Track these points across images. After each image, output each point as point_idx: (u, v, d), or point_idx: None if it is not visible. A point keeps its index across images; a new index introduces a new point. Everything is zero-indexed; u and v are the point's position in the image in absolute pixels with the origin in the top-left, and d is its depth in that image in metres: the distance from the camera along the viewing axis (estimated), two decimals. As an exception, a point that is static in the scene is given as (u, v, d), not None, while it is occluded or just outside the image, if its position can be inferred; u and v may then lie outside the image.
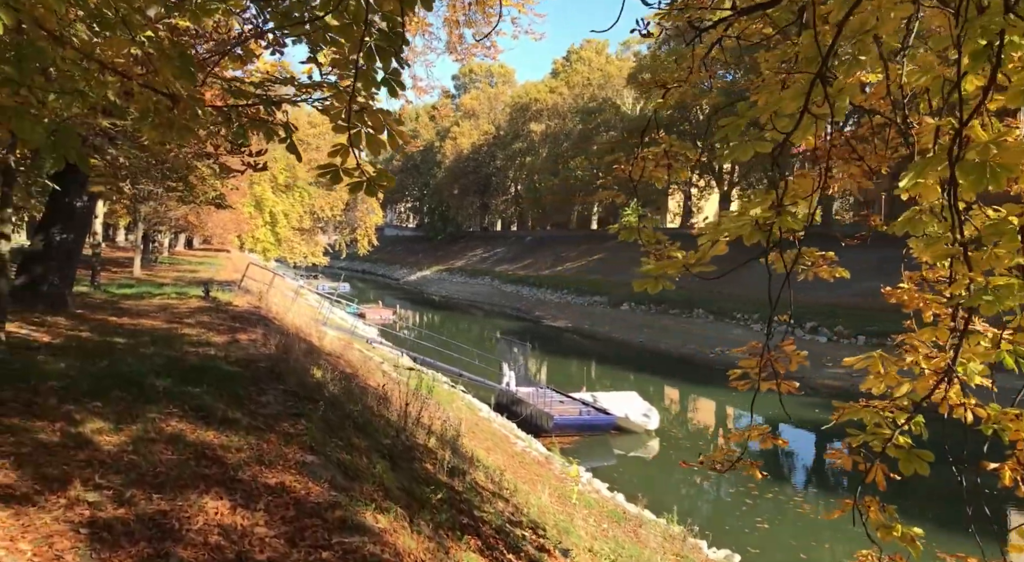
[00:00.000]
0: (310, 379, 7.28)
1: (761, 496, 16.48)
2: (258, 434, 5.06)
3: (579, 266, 60.53)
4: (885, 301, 16.35)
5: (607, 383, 28.27)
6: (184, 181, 11.32)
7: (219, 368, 7.18)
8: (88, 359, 7.14)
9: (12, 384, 5.73)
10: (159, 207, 23.15)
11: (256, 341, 9.60)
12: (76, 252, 11.22)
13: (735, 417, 24.67)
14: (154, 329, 10.03)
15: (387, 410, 7.97)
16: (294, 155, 5.31)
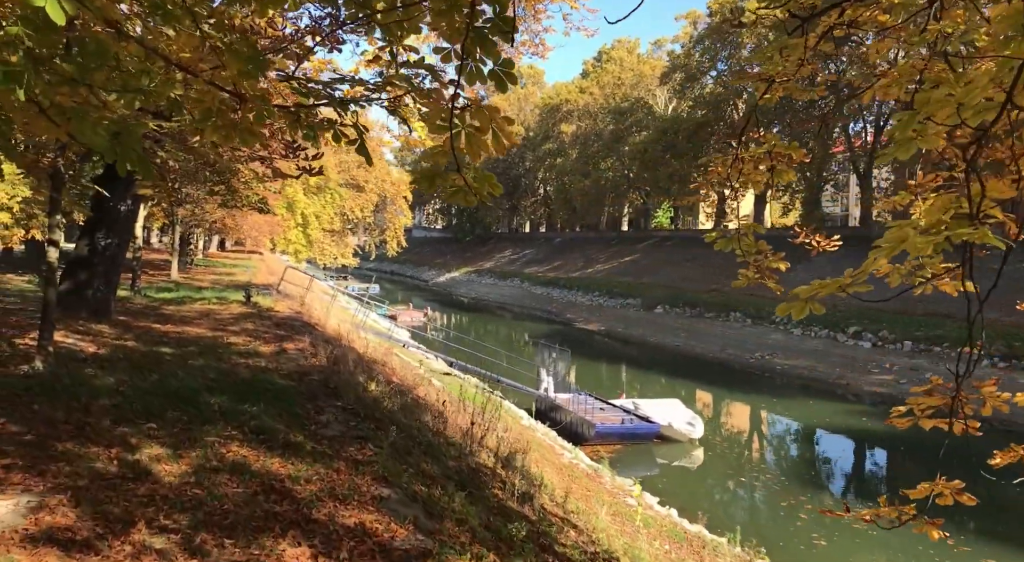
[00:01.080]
0: (366, 394, 6.90)
1: (814, 511, 15.81)
2: (325, 461, 4.66)
3: (610, 268, 59.82)
4: (929, 305, 15.46)
5: (645, 388, 27.73)
6: (227, 185, 11.04)
7: (272, 382, 6.83)
8: (137, 372, 6.83)
9: (63, 402, 5.40)
10: (196, 210, 23.06)
11: (304, 350, 9.25)
12: (120, 257, 10.98)
13: (776, 424, 23.97)
14: (200, 338, 9.73)
15: (443, 425, 7.56)
16: (364, 157, 4.93)
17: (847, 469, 19.22)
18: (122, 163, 3.73)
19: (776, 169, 5.08)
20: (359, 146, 4.96)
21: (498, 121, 2.88)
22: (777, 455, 20.54)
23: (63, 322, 9.35)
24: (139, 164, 3.79)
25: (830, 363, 30.12)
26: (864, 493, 17.71)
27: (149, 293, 16.11)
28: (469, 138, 2.99)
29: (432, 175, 3.09)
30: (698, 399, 26.74)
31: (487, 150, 3.02)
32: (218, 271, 29.35)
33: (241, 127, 4.52)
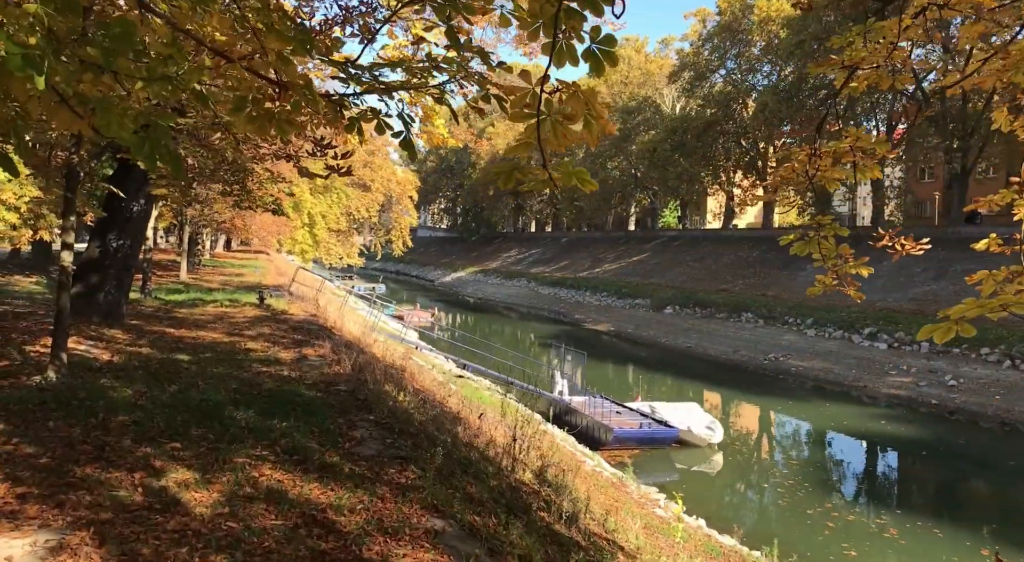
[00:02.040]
0: (397, 406, 6.50)
1: (842, 518, 15.40)
2: (367, 487, 4.26)
3: (618, 268, 59.35)
4: (946, 306, 14.57)
5: (658, 391, 27.31)
6: (242, 185, 10.64)
7: (298, 394, 6.44)
8: (155, 383, 6.44)
9: (80, 418, 5.02)
10: (205, 210, 22.67)
11: (325, 357, 8.86)
12: (133, 259, 10.59)
13: (794, 428, 23.52)
14: (216, 343, 9.35)
15: (472, 437, 7.16)
16: (408, 152, 4.53)
17: (870, 474, 18.78)
18: (150, 159, 3.33)
19: (859, 165, 4.68)
20: (404, 140, 4.55)
21: (595, 107, 2.47)
22: (798, 460, 20.09)
23: (74, 327, 8.97)
24: (171, 161, 3.38)
25: (846, 365, 29.67)
26: (889, 500, 17.27)
27: (159, 295, 15.73)
28: (555, 127, 2.58)
29: (511, 170, 2.70)
30: (713, 402, 26.33)
31: (574, 140, 2.62)
32: (226, 272, 28.98)
33: (278, 117, 4.11)
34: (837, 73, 4.65)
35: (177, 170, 3.40)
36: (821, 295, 22.16)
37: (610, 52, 2.41)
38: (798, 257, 44.86)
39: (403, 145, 4.44)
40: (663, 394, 26.73)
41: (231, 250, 55.70)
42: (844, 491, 17.44)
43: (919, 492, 17.86)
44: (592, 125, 2.52)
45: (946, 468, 19.26)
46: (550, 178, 2.58)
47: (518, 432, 6.40)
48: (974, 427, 21.97)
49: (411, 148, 4.44)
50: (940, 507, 16.47)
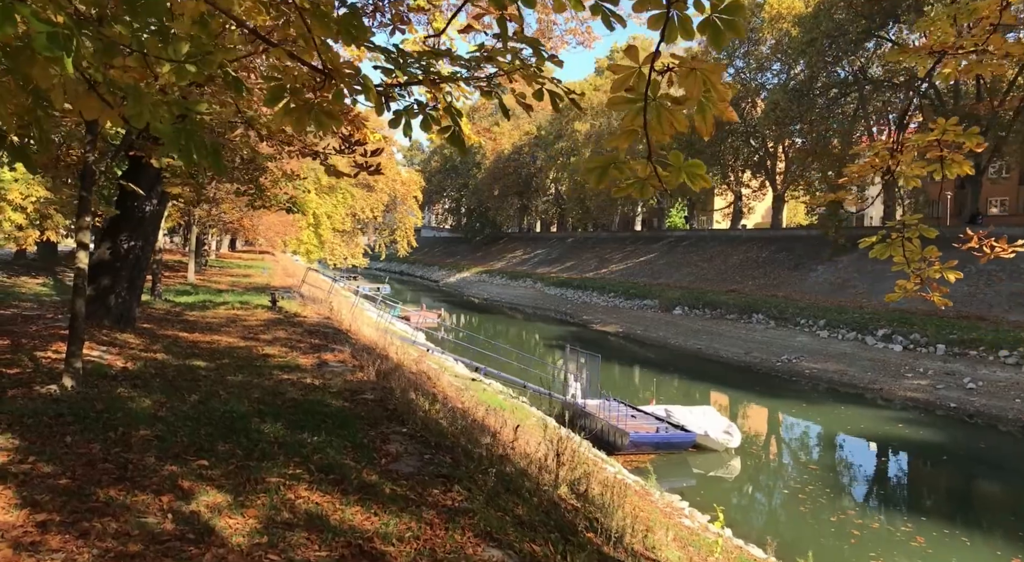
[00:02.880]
0: (428, 417, 6.16)
1: (867, 526, 15.05)
2: (412, 511, 3.92)
3: (624, 269, 58.96)
4: (961, 308, 14.38)
5: (670, 393, 26.96)
6: (255, 183, 10.30)
7: (325, 404, 6.10)
8: (175, 392, 6.11)
9: (99, 432, 4.69)
10: (212, 209, 22.36)
11: (346, 363, 8.53)
12: (145, 261, 10.25)
13: (811, 432, 23.13)
14: (232, 348, 9.02)
15: (504, 449, 6.82)
16: (458, 148, 4.20)
17: (891, 480, 18.41)
18: (186, 154, 2.99)
19: (946, 160, 4.34)
20: (452, 135, 4.21)
21: (717, 87, 2.11)
22: (817, 465, 19.73)
23: (86, 332, 8.65)
24: (209, 155, 3.04)
25: (860, 367, 29.28)
26: (913, 506, 16.88)
27: (168, 297, 15.41)
28: (660, 113, 2.22)
29: (605, 166, 2.35)
30: (727, 405, 25.96)
31: (682, 127, 2.26)
32: (234, 272, 28.67)
33: (318, 109, 3.78)
34: (918, 61, 4.31)
35: (218, 165, 3.07)
36: (831, 294, 22.05)
37: (734, 22, 2.06)
38: (807, 258, 44.51)
39: (451, 140, 4.11)
40: (676, 397, 26.37)
41: (235, 250, 55.45)
42: (866, 497, 17.08)
43: (943, 498, 17.47)
44: (707, 109, 2.17)
45: (969, 473, 18.89)
46: (656, 174, 2.24)
47: (560, 447, 6.05)
48: (994, 431, 21.59)
49: (461, 144, 4.11)
50: (966, 514, 16.11)
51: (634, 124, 2.20)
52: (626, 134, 2.26)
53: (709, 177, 10.53)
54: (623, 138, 2.27)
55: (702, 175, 2.20)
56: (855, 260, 41.10)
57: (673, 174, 2.24)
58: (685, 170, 2.21)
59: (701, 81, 2.07)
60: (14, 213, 15.09)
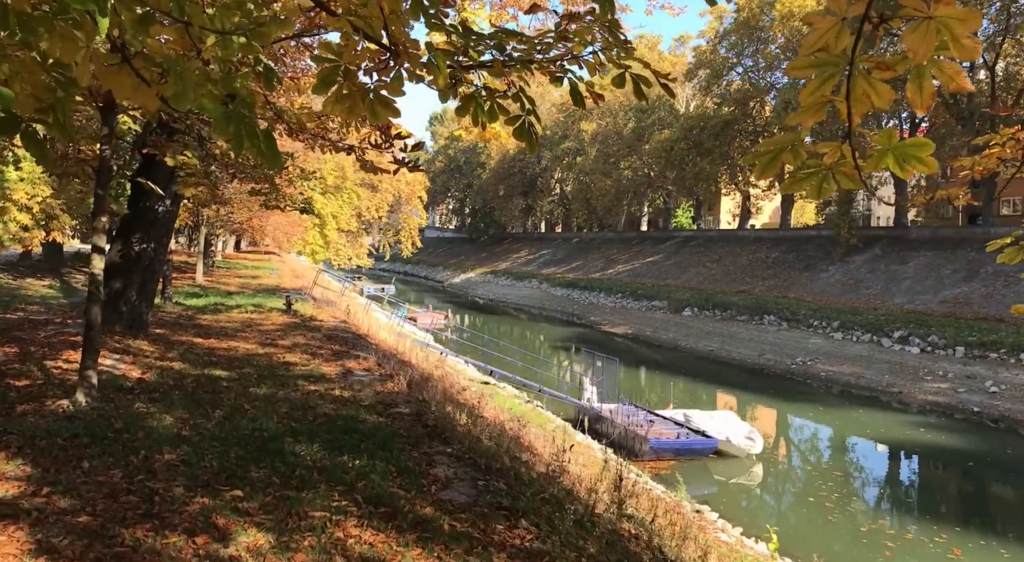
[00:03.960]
0: (470, 434, 5.69)
1: (899, 536, 14.55)
2: (480, 553, 3.44)
3: (631, 269, 58.45)
4: (979, 309, 13.69)
5: (684, 397, 26.46)
6: (271, 183, 9.80)
7: (359, 420, 5.63)
8: (196, 407, 5.63)
9: (120, 456, 4.21)
10: (221, 210, 21.92)
11: (371, 371, 8.06)
12: (157, 264, 9.76)
13: (831, 437, 22.61)
14: (251, 356, 8.55)
15: (556, 470, 6.34)
16: (526, 142, 3.71)
17: (919, 487, 17.87)
18: (237, 141, 2.50)
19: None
20: (521, 127, 3.72)
21: (961, 42, 1.56)
22: (841, 471, 19.22)
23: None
24: (264, 143, 2.57)
25: (877, 370, 28.75)
26: (945, 515, 16.38)
27: (179, 300, 14.94)
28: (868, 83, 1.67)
29: (778, 149, 1.85)
30: (742, 408, 25.45)
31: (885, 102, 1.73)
32: (242, 274, 28.21)
33: (375, 96, 3.29)
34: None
35: (273, 154, 2.60)
36: (843, 295, 21.36)
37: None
38: (818, 258, 44.03)
39: (520, 134, 3.63)
40: (691, 400, 25.90)
41: (241, 251, 55.04)
42: (896, 506, 16.56)
43: (976, 508, 16.97)
44: (925, 77, 1.63)
45: (999, 481, 18.40)
46: (854, 160, 1.74)
47: (618, 472, 5.57)
48: (1021, 437, 21.10)
49: (531, 138, 3.63)
50: (1001, 524, 15.62)
51: (823, 92, 1.70)
52: (814, 108, 1.76)
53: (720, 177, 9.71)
54: (810, 112, 1.76)
55: (925, 158, 1.68)
56: (867, 261, 40.57)
57: (876, 159, 1.74)
58: (899, 152, 1.70)
59: (936, 34, 1.55)
60: (20, 213, 14.66)
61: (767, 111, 50.61)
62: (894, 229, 42.70)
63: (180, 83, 2.32)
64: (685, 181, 53.63)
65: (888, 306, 35.17)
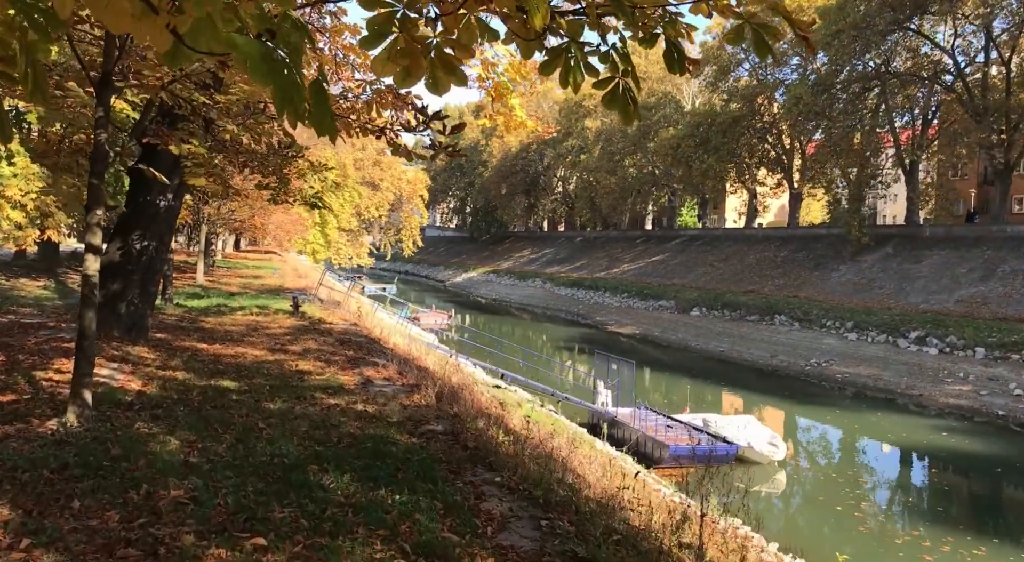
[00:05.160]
0: (516, 458, 4.99)
1: (936, 548, 13.86)
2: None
3: (636, 268, 57.77)
4: (997, 309, 12.71)
5: (699, 400, 25.78)
6: (279, 175, 9.06)
7: (391, 441, 4.93)
8: (205, 426, 4.93)
9: (117, 493, 3.50)
10: (222, 207, 21.22)
11: (392, 380, 7.36)
12: (159, 263, 9.03)
13: (852, 441, 21.94)
14: (261, 363, 7.84)
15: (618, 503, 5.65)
16: (621, 112, 3.01)
17: (949, 495, 17.15)
18: (283, 101, 1.79)
19: None
20: (612, 91, 3.01)
21: None
22: (867, 479, 18.55)
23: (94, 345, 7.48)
24: (314, 97, 1.85)
25: (895, 372, 28.07)
26: (978, 525, 15.69)
27: (179, 301, 14.23)
28: None
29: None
30: (759, 412, 24.75)
31: None
32: (243, 273, 27.46)
33: (438, 53, 2.58)
34: None
35: (323, 114, 1.91)
36: (855, 295, 20.36)
37: None
38: (828, 257, 43.47)
39: (613, 102, 2.93)
40: (706, 403, 25.24)
41: (240, 250, 54.33)
42: (927, 515, 15.86)
43: (1011, 517, 16.29)
44: None
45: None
46: None
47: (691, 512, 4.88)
48: (1050, 441, 20.45)
49: (626, 107, 2.93)
50: None
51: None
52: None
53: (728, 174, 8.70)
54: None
55: None
56: (879, 259, 39.87)
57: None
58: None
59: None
60: (13, 211, 13.94)
61: (775, 108, 49.93)
62: (906, 227, 42.01)
63: (200, 8, 1.63)
64: (692, 179, 52.91)
65: (903, 306, 34.46)
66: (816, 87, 40.67)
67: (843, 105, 41.01)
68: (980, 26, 36.81)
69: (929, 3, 34.87)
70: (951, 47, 38.46)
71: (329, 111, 1.92)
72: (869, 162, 41.29)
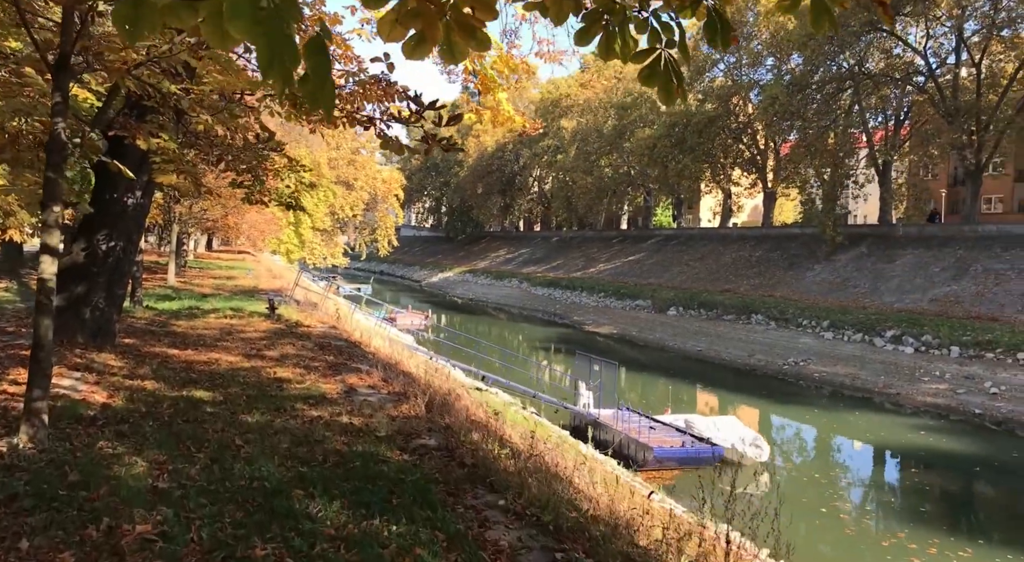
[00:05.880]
0: (518, 476, 4.61)
1: (922, 551, 13.76)
2: None
3: (613, 268, 57.76)
4: (970, 308, 12.61)
5: (678, 400, 25.59)
6: (254, 173, 8.54)
7: (381, 459, 4.52)
8: (176, 443, 4.48)
9: (74, 528, 3.06)
10: (194, 206, 20.55)
11: (377, 388, 6.94)
12: (126, 264, 8.46)
13: (834, 442, 21.89)
14: (236, 371, 7.36)
15: (625, 525, 5.31)
16: (659, 86, 2.65)
17: (933, 496, 17.08)
18: (270, 58, 1.38)
19: None
20: (651, 64, 2.64)
21: None
22: (850, 480, 18.48)
23: (56, 353, 6.95)
24: (311, 61, 1.44)
25: (872, 371, 28.18)
26: (964, 527, 15.64)
27: (149, 303, 13.62)
28: None
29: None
30: (738, 412, 24.64)
31: None
32: (215, 274, 26.70)
33: (454, 19, 2.22)
34: None
35: (321, 82, 1.52)
36: (830, 294, 20.24)
37: None
38: (803, 256, 43.67)
39: (648, 75, 2.56)
40: (686, 403, 25.09)
41: (213, 251, 53.27)
42: (911, 516, 15.76)
43: (993, 516, 16.28)
44: None
45: (1015, 489, 17.79)
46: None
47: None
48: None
49: (668, 81, 2.56)
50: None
51: None
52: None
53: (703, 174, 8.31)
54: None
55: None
56: (853, 259, 40.15)
57: None
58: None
59: None
60: (-29, 210, 13.25)
61: (750, 108, 50.12)
62: (879, 227, 42.36)
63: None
64: (668, 179, 52.94)
65: (877, 305, 34.69)
66: (791, 87, 40.83)
67: (818, 105, 41.23)
68: (952, 28, 37.22)
69: (903, 5, 35.12)
70: (923, 48, 38.80)
71: (329, 77, 1.53)
72: (843, 162, 41.58)
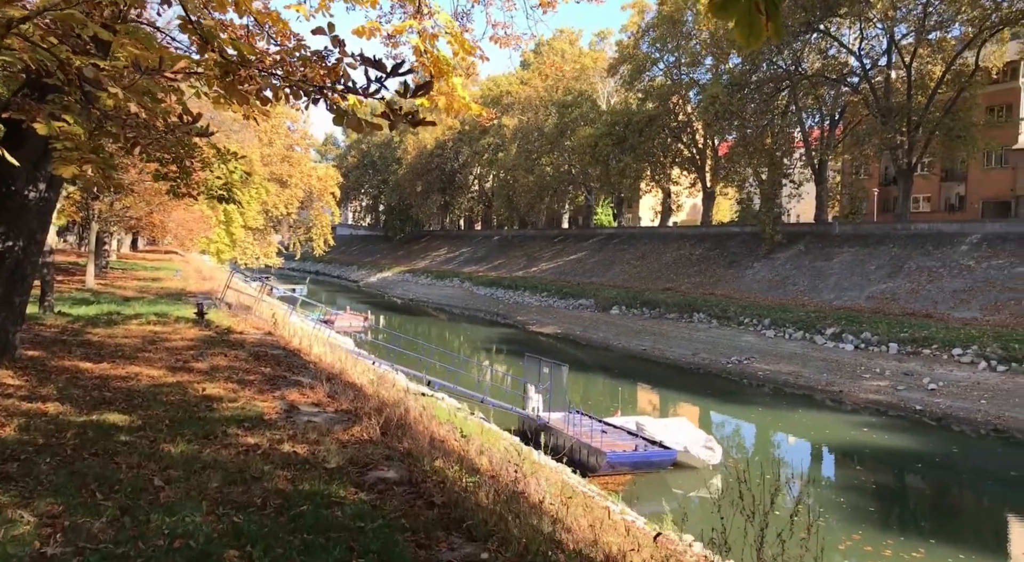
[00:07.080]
0: (494, 513, 3.91)
1: (877, 552, 13.69)
2: None
3: (555, 267, 57.57)
4: (906, 305, 12.54)
5: (624, 401, 25.29)
6: (179, 164, 7.56)
7: (334, 500, 3.76)
8: (78, 488, 3.62)
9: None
10: (115, 203, 19.09)
11: (323, 406, 6.13)
12: (28, 266, 7.33)
13: (782, 442, 21.88)
14: (159, 387, 6.42)
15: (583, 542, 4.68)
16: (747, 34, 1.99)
17: (881, 494, 17.09)
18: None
19: None
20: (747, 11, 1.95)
21: None
22: (801, 479, 18.37)
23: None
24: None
25: (815, 368, 28.49)
26: (914, 524, 15.67)
27: (63, 309, 12.32)
28: None
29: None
30: (685, 412, 24.47)
31: None
32: (140, 276, 25.03)
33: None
34: None
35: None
36: (770, 292, 20.05)
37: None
38: (742, 255, 44.04)
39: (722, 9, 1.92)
40: (632, 404, 24.83)
41: (138, 250, 50.69)
42: (863, 516, 15.68)
43: (942, 514, 16.36)
44: None
45: (960, 484, 18.01)
46: None
47: None
48: (965, 435, 20.93)
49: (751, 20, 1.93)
50: (981, 532, 15.10)
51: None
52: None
53: (645, 173, 7.60)
54: None
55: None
56: (791, 257, 40.80)
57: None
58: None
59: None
60: None
61: (689, 107, 50.51)
62: (816, 225, 43.18)
63: None
64: (610, 178, 52.93)
65: (817, 303, 35.24)
66: (731, 87, 41.20)
67: (756, 105, 41.73)
68: (885, 30, 38.14)
69: (838, 6, 35.75)
70: (857, 50, 39.65)
71: None
72: (781, 161, 42.22)
